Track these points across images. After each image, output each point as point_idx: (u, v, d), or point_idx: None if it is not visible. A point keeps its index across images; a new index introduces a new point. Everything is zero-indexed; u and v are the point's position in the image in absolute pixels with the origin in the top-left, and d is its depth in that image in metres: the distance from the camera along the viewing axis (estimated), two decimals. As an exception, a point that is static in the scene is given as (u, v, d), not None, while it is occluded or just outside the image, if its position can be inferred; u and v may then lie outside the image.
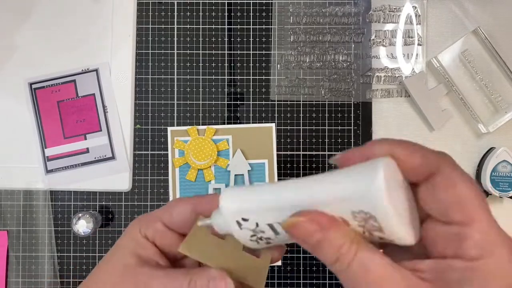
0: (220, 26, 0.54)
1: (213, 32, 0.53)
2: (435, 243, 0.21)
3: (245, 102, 0.53)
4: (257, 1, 0.53)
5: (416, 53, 0.53)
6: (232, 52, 0.53)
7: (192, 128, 0.52)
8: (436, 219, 0.21)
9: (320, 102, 0.53)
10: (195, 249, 0.27)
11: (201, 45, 0.53)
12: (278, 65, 0.53)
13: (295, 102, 0.53)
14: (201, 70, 0.53)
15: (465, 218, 0.20)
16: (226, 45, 0.53)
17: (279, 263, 0.51)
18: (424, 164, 0.21)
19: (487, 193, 0.51)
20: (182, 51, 0.53)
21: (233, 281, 0.26)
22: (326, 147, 0.53)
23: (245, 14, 0.53)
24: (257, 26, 0.53)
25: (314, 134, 0.53)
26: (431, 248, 0.22)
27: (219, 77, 0.53)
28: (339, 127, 0.53)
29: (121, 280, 0.27)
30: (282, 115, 0.53)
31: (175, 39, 0.53)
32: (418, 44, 0.53)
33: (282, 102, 0.53)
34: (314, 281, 0.52)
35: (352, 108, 0.53)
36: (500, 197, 0.50)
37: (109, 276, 0.28)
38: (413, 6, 0.53)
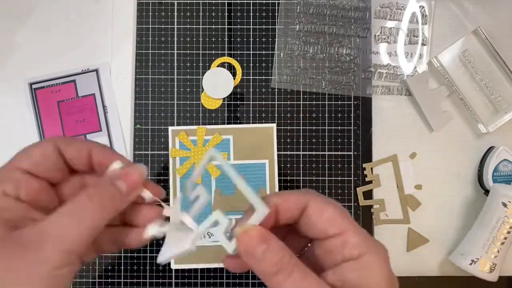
0: (220, 26, 0.53)
1: (213, 32, 0.53)
2: (324, 256, 0.27)
3: (245, 102, 0.53)
4: (257, 1, 0.53)
5: (420, 53, 0.53)
6: (232, 52, 0.53)
7: (200, 128, 0.52)
8: (319, 239, 0.27)
9: (320, 96, 0.53)
10: None
11: (201, 45, 0.53)
12: (282, 53, 0.53)
13: (295, 97, 0.53)
14: (201, 70, 0.53)
15: (340, 230, 0.25)
16: (226, 45, 0.53)
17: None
18: (297, 203, 0.27)
19: None
20: (182, 51, 0.53)
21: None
22: (326, 147, 0.53)
23: (245, 14, 0.53)
24: (257, 26, 0.53)
25: (314, 134, 0.53)
26: (323, 262, 0.27)
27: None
28: (339, 127, 0.53)
29: None
30: (282, 115, 0.53)
31: (175, 39, 0.53)
32: (422, 44, 0.53)
33: (282, 97, 0.53)
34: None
35: (352, 108, 0.53)
36: None
37: None
38: (420, 6, 0.53)
